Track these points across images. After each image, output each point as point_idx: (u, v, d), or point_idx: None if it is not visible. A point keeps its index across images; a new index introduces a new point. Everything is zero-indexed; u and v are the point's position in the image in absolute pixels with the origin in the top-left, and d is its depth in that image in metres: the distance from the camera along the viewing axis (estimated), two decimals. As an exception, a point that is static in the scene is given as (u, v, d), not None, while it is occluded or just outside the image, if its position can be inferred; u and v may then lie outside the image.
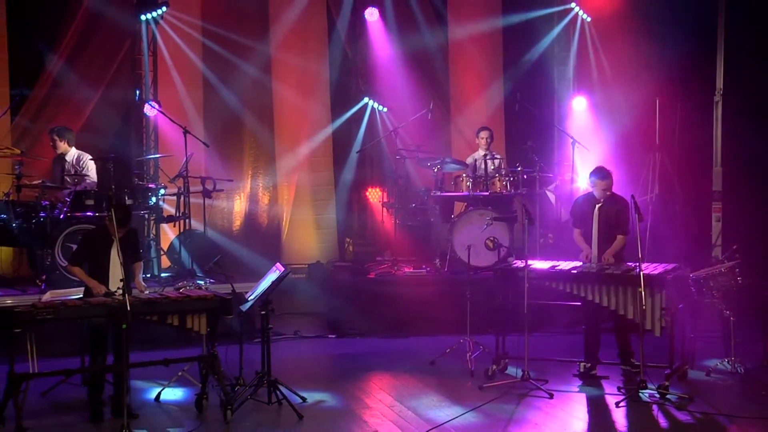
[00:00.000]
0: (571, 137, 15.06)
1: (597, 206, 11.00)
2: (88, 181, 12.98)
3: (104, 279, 9.46)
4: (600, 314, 10.70)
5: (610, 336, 11.02)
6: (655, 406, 9.79)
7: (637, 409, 9.77)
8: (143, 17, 14.33)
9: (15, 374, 8.83)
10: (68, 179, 12.99)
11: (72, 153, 13.12)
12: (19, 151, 13.20)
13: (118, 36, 14.48)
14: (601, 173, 11.01)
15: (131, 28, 14.48)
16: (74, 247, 10.77)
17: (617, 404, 9.85)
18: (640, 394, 10.00)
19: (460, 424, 9.22)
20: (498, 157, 14.08)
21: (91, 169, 13.10)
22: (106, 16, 14.23)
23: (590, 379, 10.63)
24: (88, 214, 12.45)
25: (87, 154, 13.14)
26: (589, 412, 9.77)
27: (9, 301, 11.50)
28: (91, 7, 14.11)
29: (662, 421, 9.46)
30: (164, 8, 14.32)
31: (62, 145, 13.08)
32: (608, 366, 10.89)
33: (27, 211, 12.55)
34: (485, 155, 13.85)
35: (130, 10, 14.39)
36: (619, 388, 10.30)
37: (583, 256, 11.03)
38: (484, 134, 14.13)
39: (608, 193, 10.97)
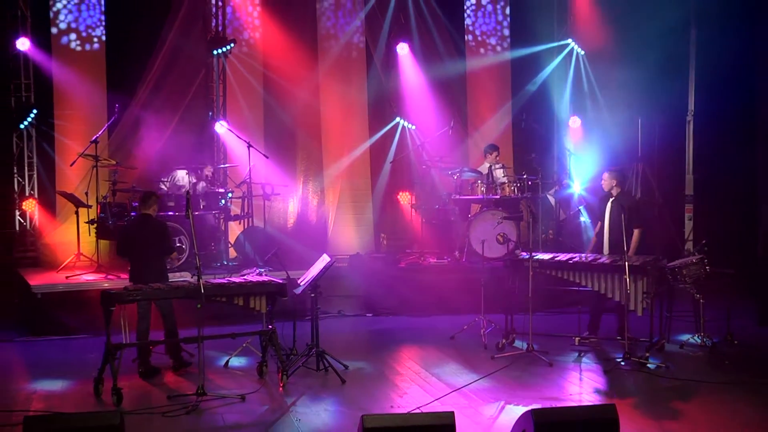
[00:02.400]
0: (568, 150, 15.00)
1: (610, 201, 10.93)
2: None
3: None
4: (604, 297, 10.63)
5: (610, 316, 11.03)
6: (637, 373, 9.80)
7: (622, 375, 9.77)
8: (215, 52, 14.39)
9: (111, 344, 8.94)
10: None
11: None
12: (114, 162, 13.33)
13: (194, 67, 14.54)
14: (609, 171, 11.05)
15: (205, 61, 14.55)
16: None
17: (606, 371, 9.84)
18: (625, 363, 9.99)
19: (476, 388, 9.24)
20: (503, 166, 14.05)
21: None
22: (185, 52, 14.31)
23: (584, 351, 10.61)
24: (170, 213, 12.57)
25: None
26: (582, 377, 9.76)
27: (106, 285, 11.63)
28: (173, 44, 14.20)
29: (643, 385, 9.46)
30: (232, 44, 14.38)
31: None
32: (601, 339, 10.91)
33: (120, 210, 12.66)
34: (492, 165, 13.83)
35: (204, 47, 14.45)
36: (607, 359, 10.28)
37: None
38: (490, 155, 14.05)
39: (616, 189, 10.93)
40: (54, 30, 14.01)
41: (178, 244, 12.26)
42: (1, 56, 13.81)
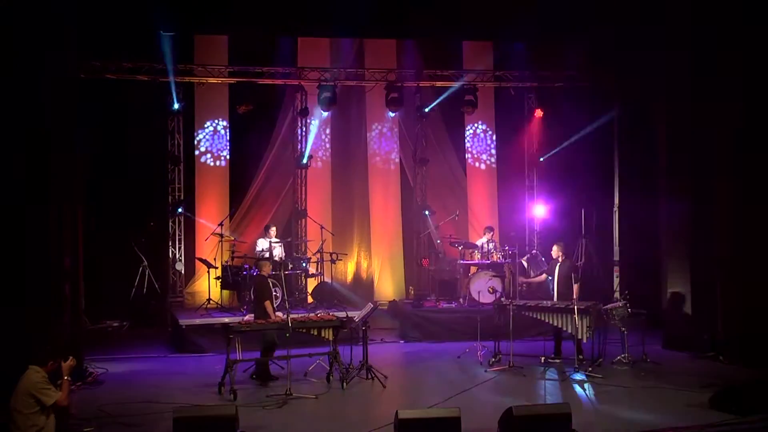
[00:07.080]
0: (535, 229, 15.03)
1: (557, 265, 11.00)
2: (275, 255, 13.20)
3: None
4: (560, 330, 10.59)
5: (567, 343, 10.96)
6: (582, 382, 9.75)
7: (573, 383, 9.73)
8: (300, 165, 14.76)
9: (230, 360, 9.11)
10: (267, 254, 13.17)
11: (273, 239, 13.32)
12: (233, 238, 13.66)
13: (285, 176, 14.79)
14: (556, 244, 11.16)
15: (293, 171, 14.84)
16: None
17: (562, 380, 9.80)
18: (575, 375, 9.95)
19: (474, 392, 9.28)
20: (494, 241, 14.09)
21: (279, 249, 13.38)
22: (280, 166, 14.66)
23: (548, 367, 10.53)
24: (272, 272, 12.65)
25: (277, 241, 13.39)
26: (546, 384, 9.70)
27: (226, 320, 11.68)
28: (272, 161, 14.47)
29: (588, 391, 9.41)
30: (311, 160, 14.75)
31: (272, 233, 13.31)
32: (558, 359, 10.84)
33: (237, 270, 12.86)
34: (487, 241, 13.90)
35: (293, 162, 14.77)
36: (563, 372, 10.22)
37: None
38: (488, 234, 14.13)
39: (561, 257, 10.99)
40: (197, 152, 14.49)
41: (275, 294, 12.32)
42: (164, 170, 14.29)
